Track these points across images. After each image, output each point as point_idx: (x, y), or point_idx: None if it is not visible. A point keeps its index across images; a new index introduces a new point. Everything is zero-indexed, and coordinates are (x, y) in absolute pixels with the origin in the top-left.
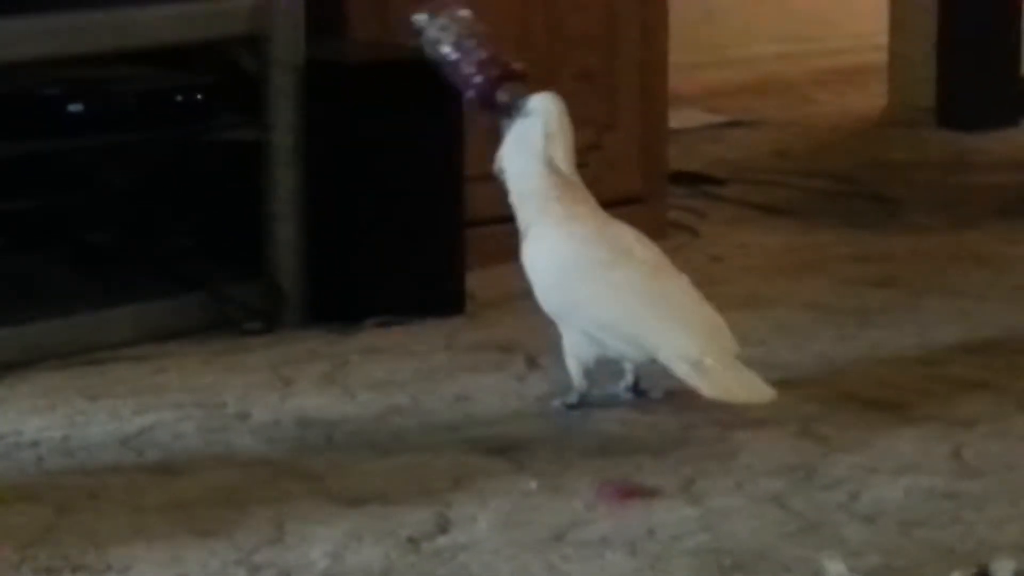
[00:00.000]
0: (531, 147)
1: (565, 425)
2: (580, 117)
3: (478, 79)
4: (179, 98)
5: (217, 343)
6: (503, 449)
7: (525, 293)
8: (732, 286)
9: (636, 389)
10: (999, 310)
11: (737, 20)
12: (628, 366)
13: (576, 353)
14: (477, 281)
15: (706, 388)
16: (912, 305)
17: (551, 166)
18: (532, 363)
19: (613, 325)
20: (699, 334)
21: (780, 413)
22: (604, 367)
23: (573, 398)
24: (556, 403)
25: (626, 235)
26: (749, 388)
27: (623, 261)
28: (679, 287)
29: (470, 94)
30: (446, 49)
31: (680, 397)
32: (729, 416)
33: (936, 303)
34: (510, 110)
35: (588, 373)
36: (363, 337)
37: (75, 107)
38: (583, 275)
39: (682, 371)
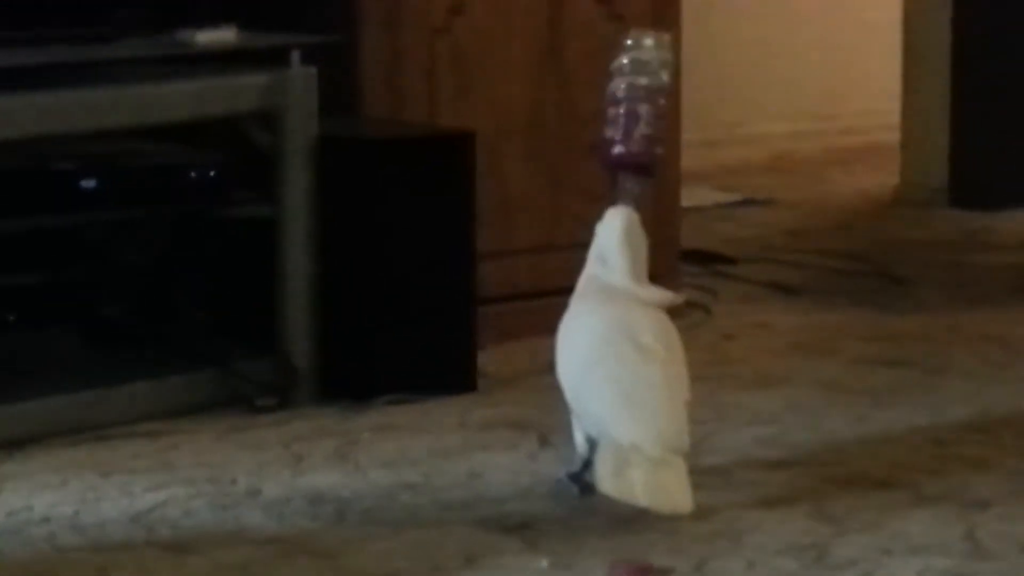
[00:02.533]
0: (595, 248)
1: (571, 497)
2: (591, 195)
3: (617, 149)
4: (193, 174)
5: (229, 419)
6: (515, 527)
7: (537, 371)
8: (744, 365)
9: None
10: (1012, 390)
11: (749, 98)
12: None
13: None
14: (489, 358)
15: (603, 483)
16: (925, 385)
17: (600, 271)
18: (544, 441)
19: (576, 398)
20: (643, 424)
21: (792, 493)
22: None
23: (576, 467)
24: (560, 474)
25: (639, 323)
26: (659, 493)
27: (615, 340)
28: (656, 376)
29: (602, 151)
30: (622, 86)
31: (692, 476)
32: (741, 496)
33: (949, 383)
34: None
35: (593, 443)
36: (375, 414)
37: (88, 182)
38: (574, 348)
39: (602, 457)
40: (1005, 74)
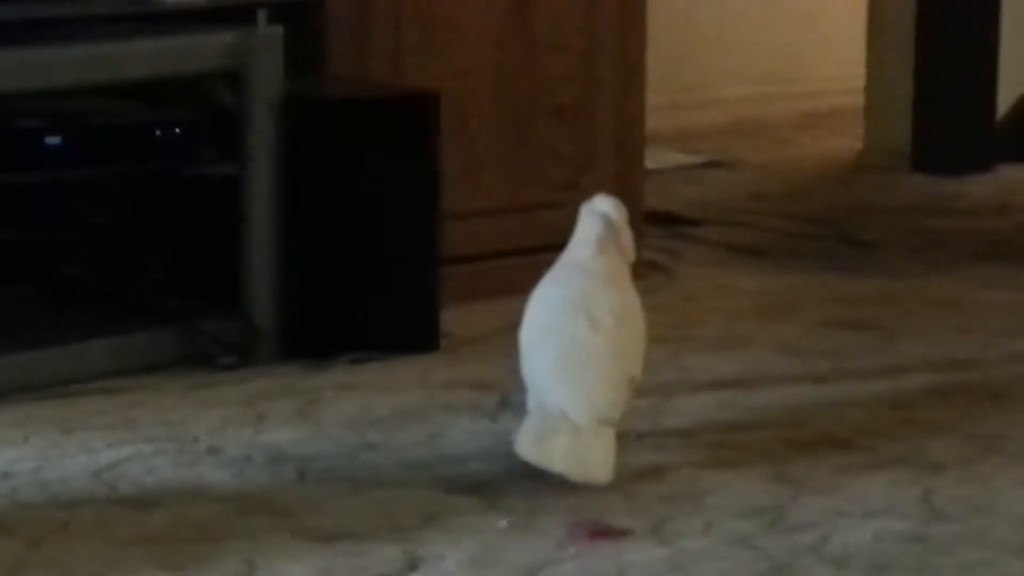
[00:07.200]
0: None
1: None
2: (557, 156)
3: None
4: (157, 132)
5: (192, 377)
6: (474, 488)
7: (500, 331)
8: (705, 327)
9: None
10: (971, 354)
11: (715, 61)
12: None
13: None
14: (452, 319)
15: (522, 447)
16: (885, 348)
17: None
18: (506, 402)
19: (524, 364)
20: (575, 392)
21: (751, 455)
22: None
23: None
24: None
25: (597, 296)
26: (578, 461)
27: (568, 311)
28: (600, 348)
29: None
30: None
31: (652, 437)
32: (700, 457)
33: (909, 347)
34: None
35: None
36: (337, 373)
37: (52, 140)
38: (533, 317)
39: (529, 421)
40: (969, 39)
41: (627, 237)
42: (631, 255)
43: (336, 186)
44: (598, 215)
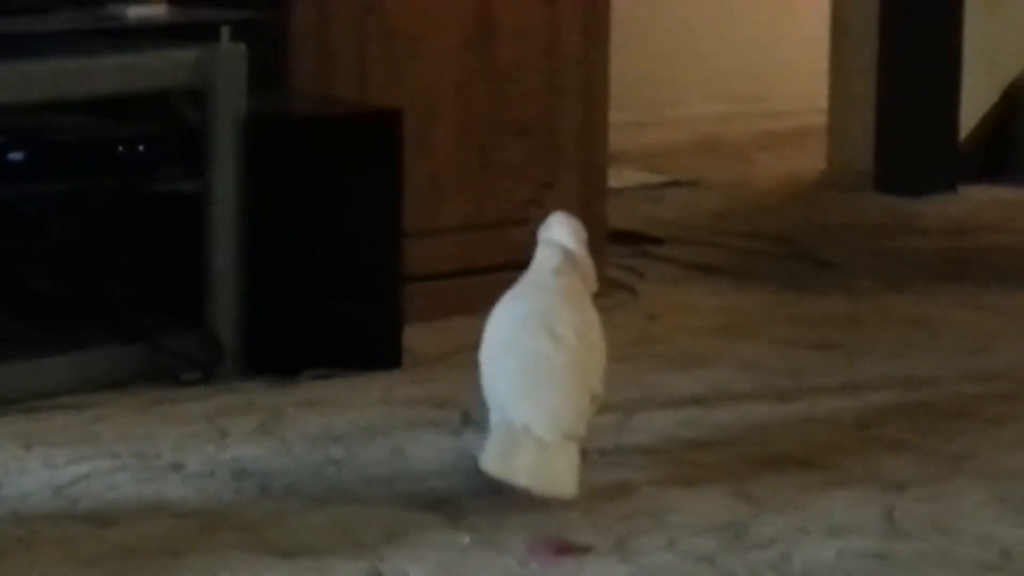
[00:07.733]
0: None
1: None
2: (520, 174)
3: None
4: (121, 149)
5: (154, 393)
6: (437, 504)
7: (462, 349)
8: (668, 345)
9: None
10: (933, 373)
11: (678, 80)
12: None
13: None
14: (415, 336)
15: (487, 462)
16: (847, 367)
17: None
18: (468, 419)
19: (486, 380)
20: (539, 407)
21: (714, 473)
22: None
23: None
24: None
25: (558, 313)
26: (543, 476)
27: (531, 327)
28: (563, 364)
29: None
30: None
31: (614, 455)
32: (663, 474)
33: (871, 365)
34: None
35: None
36: (300, 389)
37: (16, 156)
38: (494, 333)
39: (493, 437)
40: (932, 60)
41: (588, 267)
42: (594, 285)
43: (300, 203)
44: (555, 246)
